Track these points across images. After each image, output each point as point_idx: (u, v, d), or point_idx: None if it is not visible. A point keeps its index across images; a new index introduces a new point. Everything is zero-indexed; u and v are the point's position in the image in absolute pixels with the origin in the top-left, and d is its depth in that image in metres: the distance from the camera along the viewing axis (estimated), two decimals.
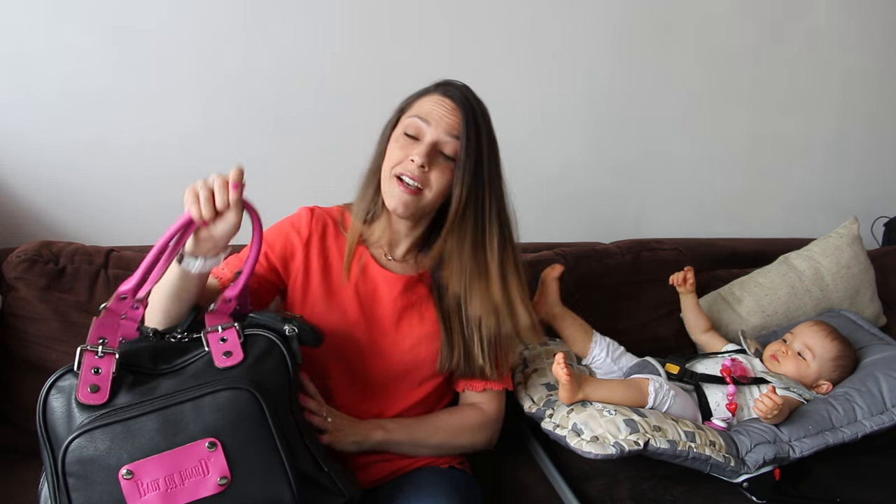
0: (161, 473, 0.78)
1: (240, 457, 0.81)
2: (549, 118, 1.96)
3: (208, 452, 0.79)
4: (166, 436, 0.79)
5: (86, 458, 0.78)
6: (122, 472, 0.78)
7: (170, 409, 0.81)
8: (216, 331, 0.89)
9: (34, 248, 1.39)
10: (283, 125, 1.74)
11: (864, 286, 1.82)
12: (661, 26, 2.01)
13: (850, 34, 2.19)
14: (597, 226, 2.05)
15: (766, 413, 1.28)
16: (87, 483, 0.78)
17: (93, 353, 0.84)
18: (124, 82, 1.62)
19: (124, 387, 0.83)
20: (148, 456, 0.78)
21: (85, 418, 0.80)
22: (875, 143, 2.30)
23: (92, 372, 0.83)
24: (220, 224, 0.89)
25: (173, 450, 0.79)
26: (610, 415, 1.23)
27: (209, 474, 0.79)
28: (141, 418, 0.80)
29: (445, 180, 1.09)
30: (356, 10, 1.75)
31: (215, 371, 0.85)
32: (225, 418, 0.81)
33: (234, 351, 0.87)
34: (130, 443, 0.79)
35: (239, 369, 0.86)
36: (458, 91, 1.11)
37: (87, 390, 0.82)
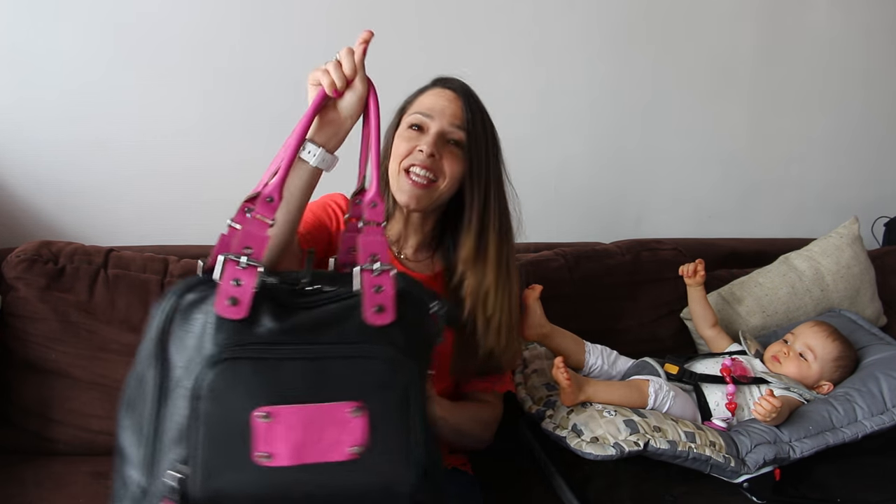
0: (298, 425, 0.72)
1: (378, 429, 0.75)
2: (550, 118, 1.96)
3: (350, 417, 0.74)
4: (312, 389, 0.73)
5: (225, 386, 0.71)
6: (257, 412, 0.71)
7: (320, 361, 0.74)
8: (371, 270, 0.80)
9: (34, 247, 1.39)
10: (283, 124, 1.73)
11: (865, 286, 1.81)
12: (662, 26, 2.01)
13: (850, 34, 2.19)
14: (597, 226, 2.04)
15: (765, 416, 1.28)
16: (218, 413, 0.71)
17: (234, 263, 0.75)
18: (124, 82, 1.62)
19: (264, 310, 0.75)
20: (290, 403, 0.72)
21: (224, 339, 0.73)
22: (875, 142, 2.30)
23: (232, 283, 0.74)
24: (347, 96, 0.89)
25: (317, 405, 0.73)
26: (610, 415, 1.23)
27: (344, 439, 0.73)
28: (289, 362, 0.73)
29: (459, 168, 1.09)
30: (355, 10, 1.75)
31: (363, 327, 0.77)
32: (374, 386, 0.75)
33: (387, 307, 0.78)
34: (275, 385, 0.72)
35: (390, 333, 0.78)
36: (457, 82, 1.13)
37: (225, 302, 0.73)
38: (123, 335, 1.36)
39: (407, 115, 1.13)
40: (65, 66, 1.58)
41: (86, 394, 1.34)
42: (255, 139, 1.72)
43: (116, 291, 1.38)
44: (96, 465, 1.28)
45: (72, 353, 1.35)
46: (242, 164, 1.73)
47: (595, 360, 1.46)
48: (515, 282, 1.17)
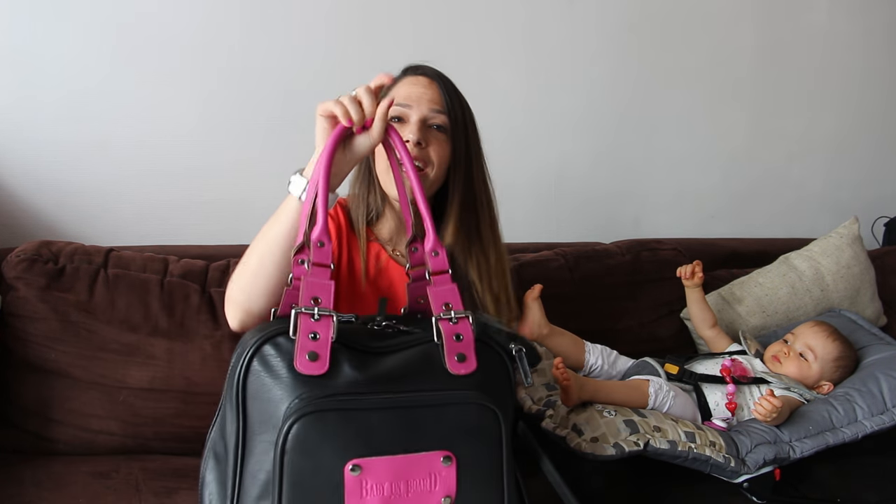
0: (389, 477, 0.71)
1: (469, 478, 0.74)
2: (550, 118, 1.96)
3: (441, 466, 0.73)
4: (403, 438, 0.72)
5: (313, 439, 0.70)
6: (349, 466, 0.70)
7: (409, 410, 0.73)
8: (450, 319, 0.79)
9: (34, 247, 1.39)
10: (283, 124, 1.74)
11: (865, 286, 1.81)
12: (662, 26, 2.01)
13: (850, 34, 2.19)
14: (597, 226, 2.05)
15: (765, 415, 1.27)
16: (307, 466, 0.70)
17: (308, 316, 0.74)
18: (124, 83, 1.62)
19: (344, 360, 0.75)
20: (381, 455, 0.71)
21: (307, 392, 0.71)
22: (875, 142, 2.30)
23: (309, 337, 0.73)
24: (362, 138, 0.87)
25: (408, 455, 0.72)
26: (610, 415, 1.23)
27: (436, 490, 0.73)
28: (378, 412, 0.72)
29: (445, 152, 1.09)
30: (355, 10, 1.75)
31: (447, 375, 0.77)
32: (465, 434, 0.74)
33: (468, 355, 0.78)
34: (365, 436, 0.71)
35: (473, 381, 0.77)
36: (428, 68, 1.12)
37: (305, 358, 0.72)
38: (123, 335, 1.36)
39: None
40: (65, 67, 1.58)
41: (86, 394, 1.34)
42: (254, 139, 1.73)
43: (116, 291, 1.38)
44: (96, 465, 1.28)
45: (72, 353, 1.35)
46: (242, 165, 1.74)
47: (595, 360, 1.46)
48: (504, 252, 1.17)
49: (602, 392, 1.30)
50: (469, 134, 1.12)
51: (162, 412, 1.34)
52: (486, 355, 0.80)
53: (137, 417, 1.34)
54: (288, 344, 0.74)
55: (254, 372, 0.74)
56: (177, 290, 1.42)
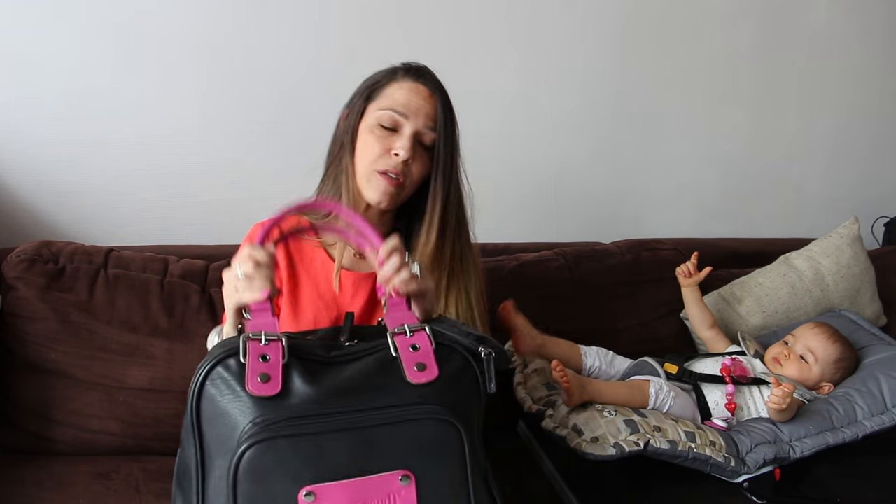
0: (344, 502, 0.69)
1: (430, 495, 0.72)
2: (549, 117, 1.96)
3: (399, 486, 0.71)
4: (358, 461, 0.70)
5: (265, 467, 0.69)
6: (302, 493, 0.68)
7: (365, 431, 0.72)
8: (404, 333, 0.79)
9: (34, 247, 1.39)
10: (283, 124, 1.74)
11: (865, 286, 1.81)
12: (661, 26, 2.01)
13: (850, 33, 2.19)
14: (597, 226, 2.05)
15: (780, 402, 1.27)
16: (260, 495, 0.69)
17: (256, 341, 0.74)
18: (124, 82, 1.62)
19: (297, 377, 0.73)
20: (335, 480, 0.69)
21: (258, 416, 0.70)
22: (875, 142, 2.30)
23: (259, 359, 0.73)
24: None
25: (364, 478, 0.70)
26: (610, 415, 1.23)
27: None
28: (332, 435, 0.71)
29: (424, 170, 1.08)
30: (355, 10, 1.75)
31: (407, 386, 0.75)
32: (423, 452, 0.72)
33: (427, 364, 0.77)
34: (317, 462, 0.69)
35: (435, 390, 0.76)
36: (430, 76, 1.09)
37: (256, 380, 0.72)
38: (123, 335, 1.36)
39: (376, 108, 1.08)
40: (65, 67, 1.58)
41: (86, 394, 1.34)
42: (254, 139, 1.73)
43: (116, 291, 1.39)
44: (96, 466, 1.28)
45: (72, 353, 1.35)
46: (242, 164, 1.74)
47: (592, 362, 1.46)
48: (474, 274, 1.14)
49: (603, 392, 1.30)
50: (454, 154, 1.10)
51: (162, 412, 1.34)
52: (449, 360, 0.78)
53: (137, 418, 1.34)
54: (238, 367, 0.73)
55: (206, 396, 0.73)
56: (177, 290, 1.42)
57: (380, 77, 1.12)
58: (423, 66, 1.11)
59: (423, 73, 1.09)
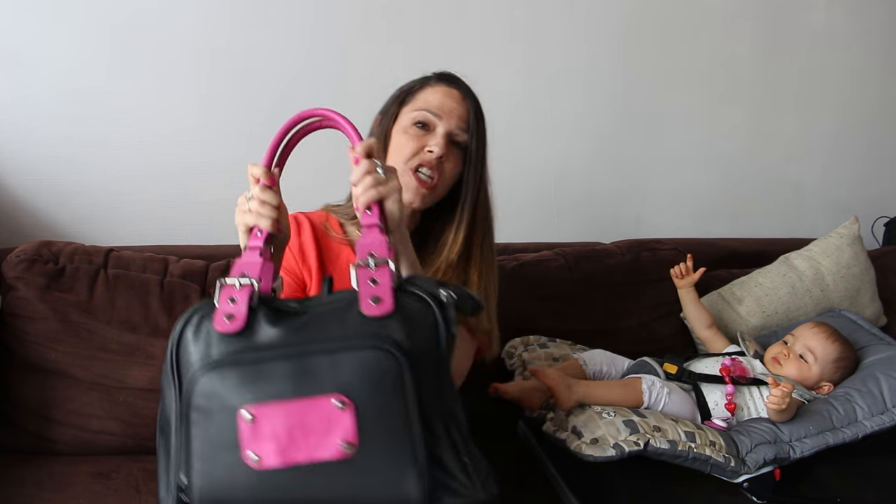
0: (283, 423, 0.72)
1: (370, 423, 0.72)
2: (550, 118, 1.96)
3: (337, 411, 0.72)
4: (295, 384, 0.73)
5: (213, 392, 0.73)
6: (242, 413, 0.72)
7: (305, 359, 0.74)
8: (367, 266, 0.79)
9: (34, 247, 1.39)
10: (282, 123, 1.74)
11: (865, 286, 1.81)
12: (662, 27, 2.01)
13: (849, 34, 2.19)
14: (597, 226, 2.04)
15: (780, 402, 1.27)
16: (208, 419, 0.73)
17: (231, 286, 0.80)
18: (124, 82, 1.62)
19: (262, 320, 0.77)
20: (273, 400, 0.72)
21: (219, 352, 0.75)
22: (875, 142, 2.30)
23: (228, 301, 0.78)
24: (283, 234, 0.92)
25: (297, 400, 0.72)
26: (609, 416, 1.23)
27: (333, 435, 0.71)
28: (273, 362, 0.74)
29: (455, 170, 1.11)
30: (355, 9, 1.75)
31: (360, 319, 0.76)
32: (361, 379, 0.73)
33: (383, 298, 0.77)
34: (257, 385, 0.73)
35: (385, 324, 0.76)
36: (462, 83, 1.14)
37: (223, 319, 0.77)
38: (123, 335, 1.36)
39: (410, 109, 1.12)
40: (65, 67, 1.58)
41: (86, 394, 1.34)
42: (254, 139, 1.72)
43: (116, 291, 1.39)
44: (96, 466, 1.28)
45: (72, 353, 1.35)
46: (242, 164, 1.72)
47: (595, 367, 1.45)
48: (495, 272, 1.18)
49: (595, 391, 1.30)
50: (483, 157, 1.14)
51: None
52: (408, 300, 0.79)
53: (137, 418, 1.34)
54: (212, 312, 0.78)
55: (183, 341, 0.77)
56: (177, 290, 1.42)
57: (413, 83, 1.16)
58: (454, 74, 1.16)
59: (455, 80, 1.15)
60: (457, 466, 0.76)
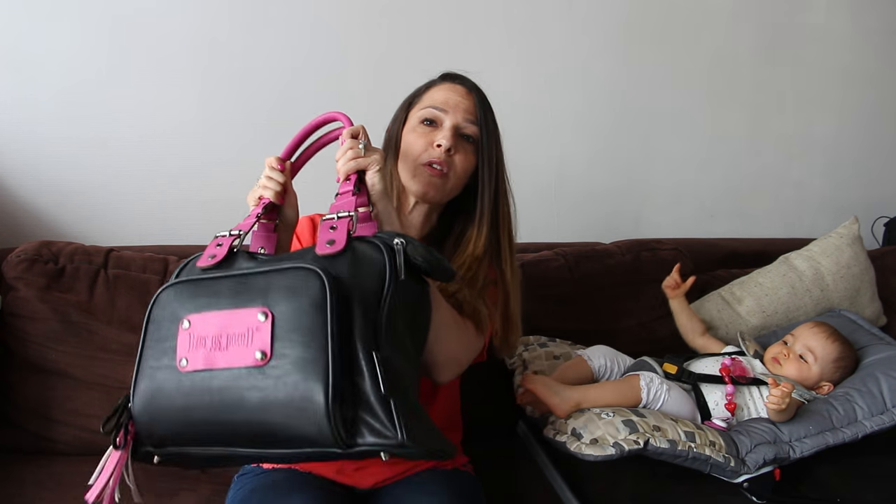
0: (211, 331, 0.78)
1: (286, 337, 0.76)
2: (550, 118, 1.96)
3: (258, 322, 0.77)
4: (231, 297, 0.80)
5: (165, 303, 0.82)
6: (183, 322, 0.80)
7: (245, 277, 0.81)
8: (331, 218, 0.86)
9: (34, 247, 1.39)
10: (283, 123, 1.73)
11: (865, 286, 1.81)
12: (662, 25, 2.01)
13: (849, 34, 2.19)
14: (597, 226, 2.04)
15: (779, 402, 1.27)
16: (158, 328, 0.82)
17: (222, 236, 0.90)
18: (123, 81, 1.62)
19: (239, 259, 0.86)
20: (208, 310, 0.79)
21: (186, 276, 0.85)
22: (875, 142, 2.30)
23: (215, 246, 0.88)
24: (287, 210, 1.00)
25: (228, 310, 0.79)
26: (608, 416, 1.23)
27: (251, 345, 0.76)
28: (221, 280, 0.82)
29: (469, 164, 1.11)
30: (355, 9, 1.75)
31: (312, 255, 0.82)
32: (284, 294, 0.78)
33: (337, 240, 0.83)
34: (201, 297, 0.81)
35: (333, 259, 0.81)
36: (467, 79, 1.14)
37: (207, 258, 0.87)
38: (123, 335, 1.37)
39: (417, 110, 1.13)
40: (64, 66, 1.58)
41: (86, 394, 1.35)
42: (254, 138, 1.73)
43: (116, 291, 1.39)
44: (96, 465, 1.28)
45: (72, 353, 1.35)
46: (242, 164, 1.73)
47: (600, 362, 1.44)
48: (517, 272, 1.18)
49: (592, 395, 1.29)
50: (499, 149, 1.13)
51: None
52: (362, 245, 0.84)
53: None
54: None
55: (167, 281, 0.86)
56: None
57: (419, 88, 1.17)
58: (458, 73, 1.16)
59: (458, 76, 1.15)
60: (378, 402, 0.76)
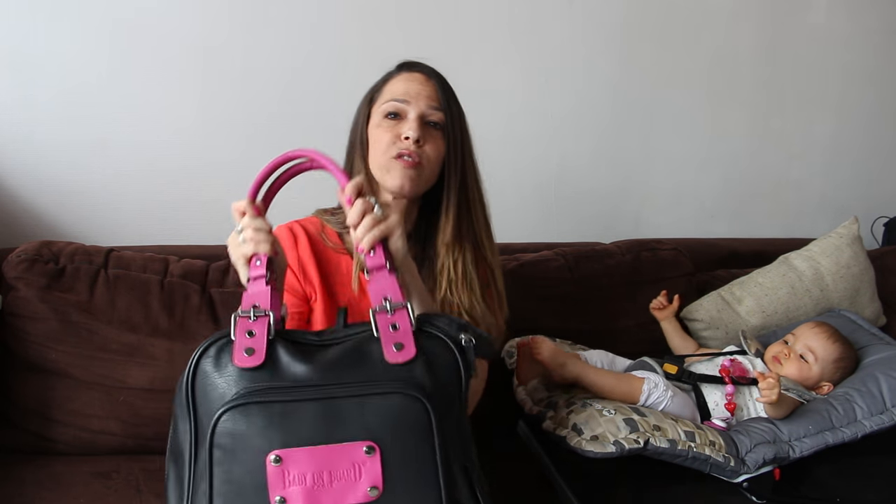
0: (310, 468, 0.72)
1: (396, 469, 0.73)
2: (550, 118, 1.96)
3: (364, 457, 0.73)
4: (324, 429, 0.73)
5: (238, 432, 0.73)
6: (270, 457, 0.72)
7: (333, 402, 0.74)
8: (385, 311, 0.80)
9: (34, 247, 1.39)
10: (283, 123, 1.74)
11: (864, 286, 1.81)
12: (662, 26, 2.01)
13: (849, 33, 2.19)
14: (597, 226, 2.05)
15: (769, 393, 1.27)
16: (233, 459, 0.73)
17: (245, 318, 0.79)
18: (123, 82, 1.62)
19: (283, 353, 0.77)
20: (301, 445, 0.72)
21: (242, 388, 0.75)
22: (875, 142, 2.30)
23: (246, 335, 0.78)
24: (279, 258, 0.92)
25: (328, 445, 0.73)
26: (609, 414, 1.23)
27: (360, 480, 0.72)
28: (301, 403, 0.74)
29: (440, 149, 1.09)
30: (355, 9, 1.75)
31: (384, 365, 0.77)
32: (389, 425, 0.74)
33: (405, 344, 0.78)
34: (286, 427, 0.73)
35: (410, 369, 0.77)
36: (423, 65, 1.12)
37: (242, 353, 0.77)
38: (123, 335, 1.37)
39: (379, 105, 1.11)
40: (64, 67, 1.58)
41: (86, 394, 1.35)
42: (254, 138, 1.73)
43: (116, 291, 1.39)
44: (97, 465, 1.28)
45: (72, 353, 1.35)
46: (242, 164, 1.73)
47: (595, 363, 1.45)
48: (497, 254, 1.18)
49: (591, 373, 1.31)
50: (464, 132, 1.13)
51: (162, 412, 1.34)
52: (429, 344, 0.80)
53: (138, 418, 1.34)
54: (229, 345, 0.78)
55: (200, 372, 0.77)
56: (177, 290, 1.42)
57: (377, 83, 1.15)
58: (413, 60, 1.14)
59: (415, 65, 1.13)
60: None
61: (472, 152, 1.15)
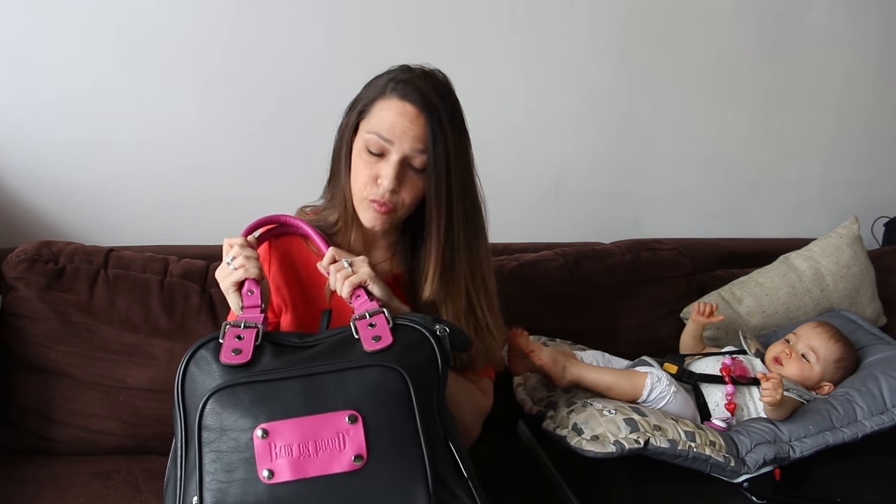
0: (296, 439, 0.75)
1: (379, 438, 0.76)
2: (550, 118, 1.96)
3: (347, 426, 0.76)
4: (307, 401, 0.77)
5: (225, 412, 0.77)
6: (257, 431, 0.75)
7: (313, 377, 0.79)
8: (364, 317, 0.87)
9: (34, 247, 1.39)
10: (283, 123, 1.74)
11: (865, 286, 1.81)
12: (662, 25, 2.01)
13: (849, 33, 2.19)
14: (597, 226, 2.04)
15: (772, 393, 1.27)
16: (221, 438, 0.76)
17: (236, 327, 0.85)
18: (124, 82, 1.62)
19: (268, 354, 0.83)
20: (286, 417, 0.76)
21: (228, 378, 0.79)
22: (875, 142, 2.30)
23: (235, 338, 0.83)
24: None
25: (312, 416, 0.76)
26: (610, 414, 1.23)
27: (344, 449, 0.75)
28: (284, 381, 0.78)
29: (417, 192, 1.03)
30: (354, 9, 1.75)
31: (363, 352, 0.83)
32: (369, 394, 0.77)
33: (383, 336, 0.84)
34: (271, 403, 0.77)
35: (388, 352, 0.82)
36: (418, 92, 0.99)
37: (230, 353, 0.82)
38: (123, 335, 1.37)
39: (365, 128, 1.03)
40: (66, 68, 1.58)
41: (86, 394, 1.35)
42: (254, 139, 1.73)
43: (116, 291, 1.39)
44: (96, 465, 1.28)
45: (72, 353, 1.35)
46: (242, 164, 1.74)
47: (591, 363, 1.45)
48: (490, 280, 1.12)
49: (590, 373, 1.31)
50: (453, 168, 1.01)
51: (162, 412, 1.34)
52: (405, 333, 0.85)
53: (138, 418, 1.34)
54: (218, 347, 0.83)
55: (189, 374, 0.81)
56: (177, 290, 1.42)
57: (373, 93, 1.04)
58: (414, 78, 1.02)
59: (411, 90, 1.00)
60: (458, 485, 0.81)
61: (465, 184, 1.05)
